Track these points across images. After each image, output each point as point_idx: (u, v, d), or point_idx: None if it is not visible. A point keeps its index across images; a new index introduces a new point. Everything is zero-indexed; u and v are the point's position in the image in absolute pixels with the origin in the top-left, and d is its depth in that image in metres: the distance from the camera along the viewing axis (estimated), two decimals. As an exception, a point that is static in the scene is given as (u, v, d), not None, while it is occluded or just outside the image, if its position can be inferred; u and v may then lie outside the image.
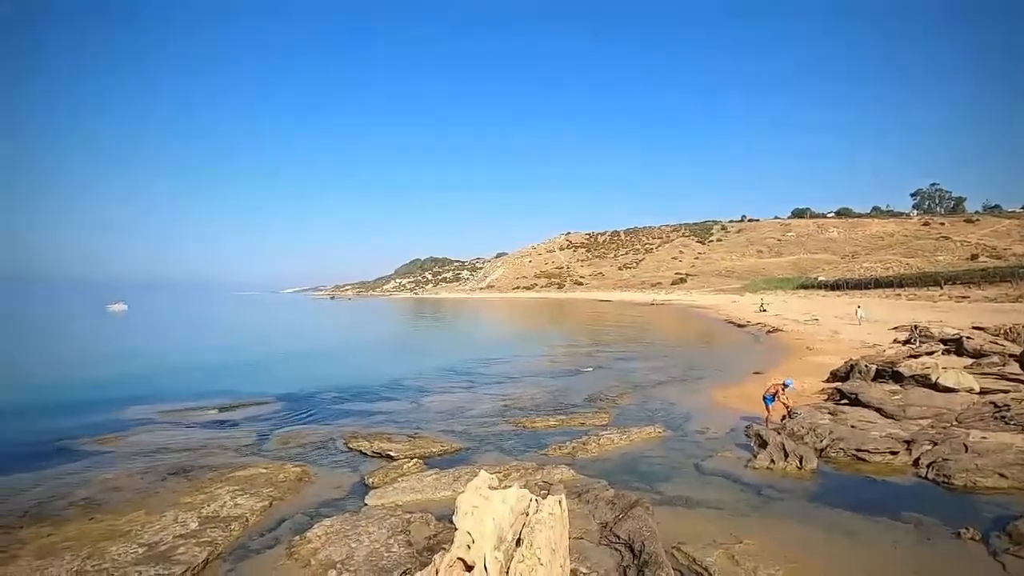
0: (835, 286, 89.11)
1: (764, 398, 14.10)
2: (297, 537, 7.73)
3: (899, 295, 67.46)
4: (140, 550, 7.25)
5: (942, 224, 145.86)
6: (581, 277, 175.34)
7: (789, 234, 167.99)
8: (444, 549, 5.28)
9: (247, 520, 8.39)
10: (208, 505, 8.77)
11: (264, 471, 10.50)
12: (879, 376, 16.82)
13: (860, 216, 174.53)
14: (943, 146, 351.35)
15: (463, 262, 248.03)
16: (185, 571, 6.82)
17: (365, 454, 11.98)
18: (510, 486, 5.76)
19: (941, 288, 67.91)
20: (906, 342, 24.34)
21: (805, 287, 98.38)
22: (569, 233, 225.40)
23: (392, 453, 11.80)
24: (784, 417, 13.41)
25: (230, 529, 8.01)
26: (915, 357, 19.03)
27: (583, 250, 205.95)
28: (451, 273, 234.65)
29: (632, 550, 6.73)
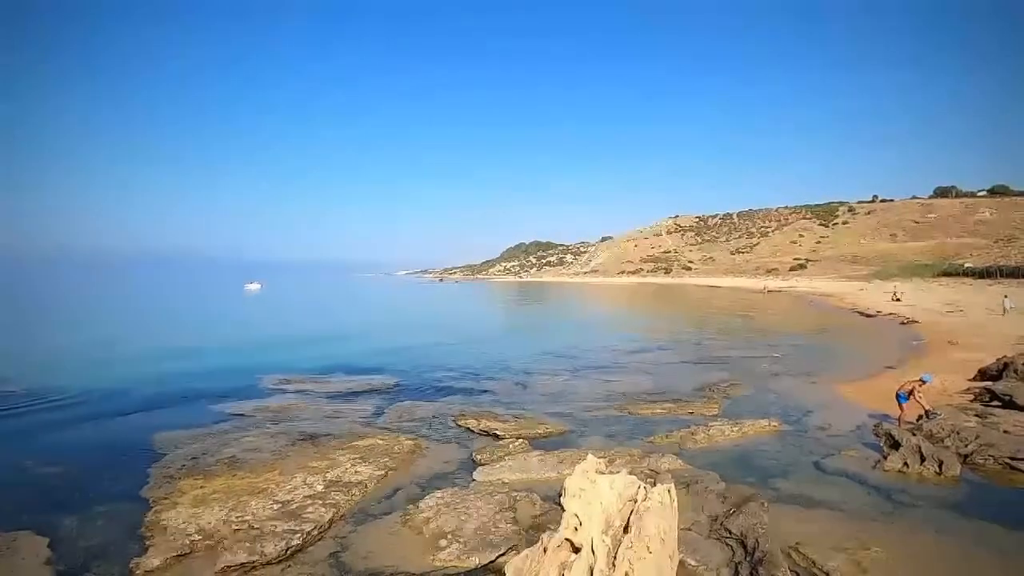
0: (985, 273, 78.91)
1: (897, 395, 12.87)
2: (411, 506, 8.22)
3: (1069, 285, 58.59)
4: (275, 506, 8.05)
5: None
6: (690, 262, 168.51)
7: (930, 215, 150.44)
8: (550, 529, 5.37)
9: (366, 487, 9.04)
10: (332, 470, 9.53)
11: (381, 442, 11.22)
12: (1041, 376, 14.80)
13: (1020, 194, 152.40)
14: None
15: (567, 246, 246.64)
16: (313, 528, 7.48)
17: (473, 431, 12.43)
18: (616, 472, 5.73)
19: None
20: (1076, 339, 21.18)
21: (948, 274, 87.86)
22: (677, 216, 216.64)
23: (498, 432, 12.16)
24: (920, 417, 12.21)
25: (351, 494, 8.67)
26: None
27: (692, 234, 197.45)
28: (555, 257, 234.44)
29: (744, 546, 6.48)
